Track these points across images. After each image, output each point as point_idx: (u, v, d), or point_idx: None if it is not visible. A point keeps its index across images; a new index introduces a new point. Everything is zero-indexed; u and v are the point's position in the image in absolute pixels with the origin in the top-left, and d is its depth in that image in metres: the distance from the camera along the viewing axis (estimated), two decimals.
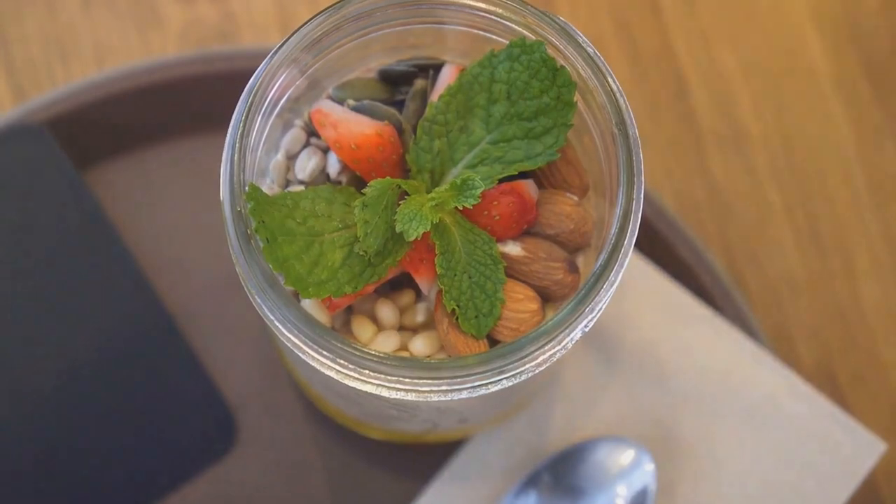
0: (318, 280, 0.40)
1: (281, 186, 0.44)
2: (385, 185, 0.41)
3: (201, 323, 0.57)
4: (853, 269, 0.61)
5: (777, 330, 0.60)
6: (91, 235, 0.57)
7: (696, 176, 0.62)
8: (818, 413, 0.55)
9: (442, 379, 0.39)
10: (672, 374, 0.56)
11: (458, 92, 0.43)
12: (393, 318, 0.43)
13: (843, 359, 0.60)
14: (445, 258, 0.41)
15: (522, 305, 0.42)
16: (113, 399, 0.56)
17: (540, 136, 0.42)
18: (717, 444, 0.55)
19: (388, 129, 0.43)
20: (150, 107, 0.58)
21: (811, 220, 0.62)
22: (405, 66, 0.44)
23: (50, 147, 0.57)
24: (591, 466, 0.53)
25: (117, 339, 0.56)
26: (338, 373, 0.40)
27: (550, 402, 0.55)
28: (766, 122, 0.63)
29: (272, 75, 0.41)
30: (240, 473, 0.56)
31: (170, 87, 0.58)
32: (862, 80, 0.63)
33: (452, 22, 0.43)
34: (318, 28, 0.42)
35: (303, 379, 0.53)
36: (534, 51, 0.41)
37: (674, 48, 0.63)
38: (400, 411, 0.47)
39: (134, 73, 0.58)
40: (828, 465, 0.55)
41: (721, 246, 0.61)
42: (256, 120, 0.41)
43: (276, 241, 0.40)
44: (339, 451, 0.56)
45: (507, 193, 0.42)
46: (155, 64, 0.58)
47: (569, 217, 0.43)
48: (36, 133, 0.57)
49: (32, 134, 0.57)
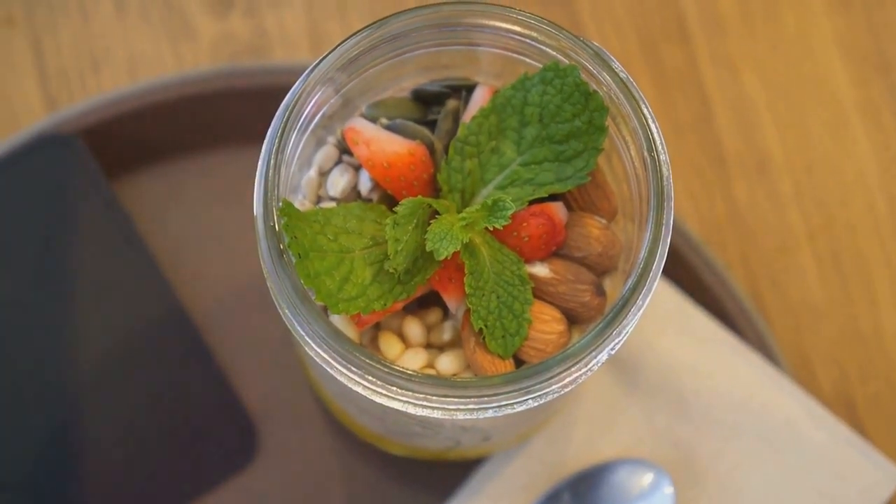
0: (347, 296, 0.41)
1: (313, 203, 0.45)
2: (416, 204, 0.41)
3: (225, 334, 0.58)
4: (874, 297, 0.61)
5: (797, 355, 0.60)
6: (119, 245, 0.57)
7: (719, 200, 0.62)
8: (837, 440, 0.55)
9: (469, 398, 0.39)
10: (692, 397, 0.56)
11: (491, 113, 0.43)
12: (420, 336, 0.43)
13: (863, 386, 0.60)
14: (474, 278, 0.42)
15: (549, 327, 0.42)
16: (136, 408, 0.56)
17: (570, 159, 0.43)
18: (736, 469, 0.55)
19: (420, 148, 0.43)
20: (181, 119, 0.59)
21: (833, 246, 0.62)
22: (438, 87, 0.45)
23: (81, 156, 0.57)
24: (610, 487, 0.54)
25: (142, 348, 0.57)
26: (365, 388, 0.40)
27: (571, 422, 0.56)
28: (790, 148, 0.63)
29: (308, 93, 0.42)
30: (261, 485, 0.56)
31: (201, 101, 0.58)
32: (886, 109, 0.63)
33: (486, 44, 0.44)
34: (355, 48, 0.42)
35: (326, 393, 0.54)
36: (567, 75, 0.42)
37: (700, 72, 0.64)
38: (424, 428, 0.47)
39: (166, 85, 0.58)
40: (846, 492, 0.55)
41: (743, 270, 0.61)
42: (291, 136, 0.42)
43: (308, 256, 0.40)
44: (360, 465, 0.56)
45: (537, 215, 0.43)
46: (187, 77, 0.58)
47: (597, 240, 0.43)
48: (68, 142, 0.57)
49: (64, 143, 0.57)
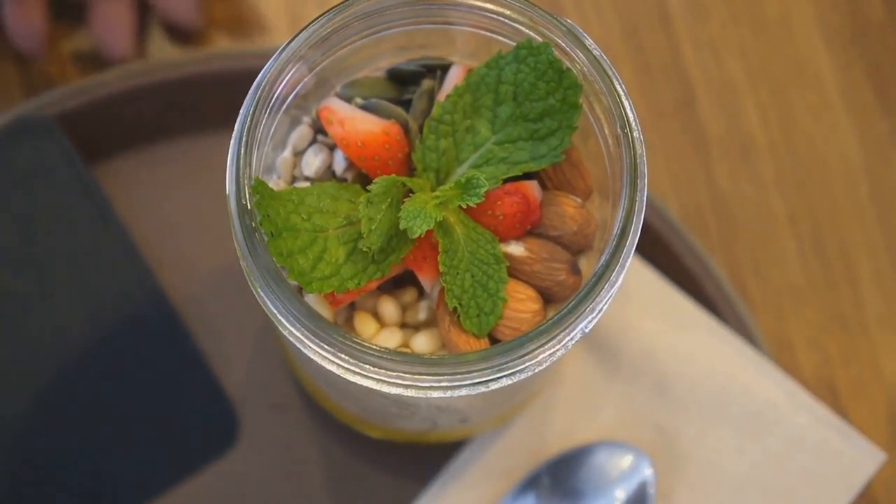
0: (321, 275, 0.40)
1: (287, 182, 0.44)
2: (390, 183, 0.41)
3: (205, 319, 0.58)
4: (856, 280, 0.61)
5: (779, 338, 0.60)
6: (97, 229, 0.57)
7: (701, 184, 0.62)
8: (818, 422, 0.55)
9: (442, 375, 0.39)
10: (673, 381, 0.56)
11: (465, 92, 0.43)
12: (395, 316, 0.43)
13: (845, 369, 0.60)
14: (448, 256, 0.42)
15: (524, 305, 0.42)
16: (115, 394, 0.56)
17: (545, 137, 0.42)
18: (717, 451, 0.55)
19: (395, 127, 0.43)
20: (160, 103, 0.58)
21: (815, 229, 0.62)
22: (413, 66, 0.45)
23: (59, 140, 0.57)
24: (590, 470, 0.54)
25: (121, 333, 0.56)
26: (339, 367, 0.40)
27: (550, 405, 0.55)
28: (772, 131, 0.63)
29: (280, 71, 0.42)
30: (241, 469, 0.56)
31: (179, 85, 0.58)
32: (868, 91, 0.63)
33: (460, 23, 0.44)
34: (327, 26, 0.42)
35: (305, 375, 0.54)
36: (540, 53, 0.42)
37: (681, 56, 0.64)
38: (400, 409, 0.47)
39: (143, 69, 0.58)
40: (826, 474, 0.55)
41: (725, 254, 0.61)
42: (264, 115, 0.42)
43: (280, 235, 0.40)
44: (339, 450, 0.56)
45: (511, 194, 0.42)
46: (165, 61, 0.58)
47: (572, 219, 0.43)
48: (45, 126, 0.57)
49: (42, 127, 0.57)
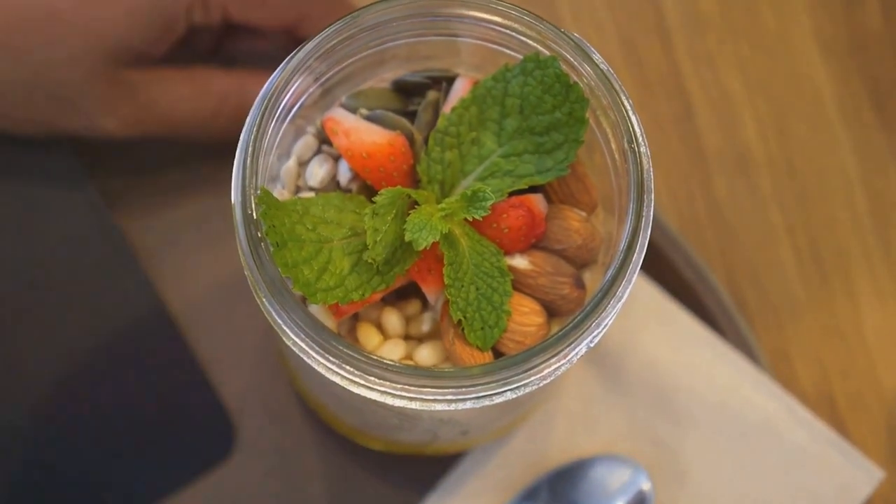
0: (325, 286, 0.40)
1: (291, 192, 0.44)
2: (395, 194, 0.41)
3: (203, 328, 0.57)
4: (854, 293, 0.61)
5: (777, 351, 0.60)
6: (96, 237, 0.57)
7: (700, 197, 0.62)
8: (816, 438, 0.55)
9: (447, 388, 0.39)
10: (672, 395, 0.56)
11: (471, 104, 0.43)
12: (399, 327, 0.43)
13: (843, 382, 0.60)
14: (453, 269, 0.41)
15: (528, 319, 0.42)
16: (113, 403, 0.56)
17: (551, 151, 0.42)
18: (715, 466, 0.55)
19: (400, 139, 0.43)
20: None
21: (813, 242, 0.62)
22: (419, 78, 0.45)
23: (61, 150, 0.57)
24: (589, 483, 0.53)
25: (119, 341, 0.56)
26: (343, 378, 0.40)
27: (550, 417, 0.55)
28: (770, 144, 0.63)
29: (286, 82, 0.42)
30: (238, 479, 0.56)
31: None
32: (866, 105, 0.64)
33: (467, 35, 0.43)
34: (333, 36, 0.42)
35: (304, 386, 0.53)
36: (547, 66, 0.42)
37: (680, 69, 0.64)
38: (402, 420, 0.47)
39: None
40: (825, 490, 0.55)
41: (723, 266, 0.61)
42: (270, 125, 0.41)
43: (285, 245, 0.40)
44: (338, 460, 0.56)
45: (517, 207, 0.42)
46: None
47: (577, 232, 0.43)
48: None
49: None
